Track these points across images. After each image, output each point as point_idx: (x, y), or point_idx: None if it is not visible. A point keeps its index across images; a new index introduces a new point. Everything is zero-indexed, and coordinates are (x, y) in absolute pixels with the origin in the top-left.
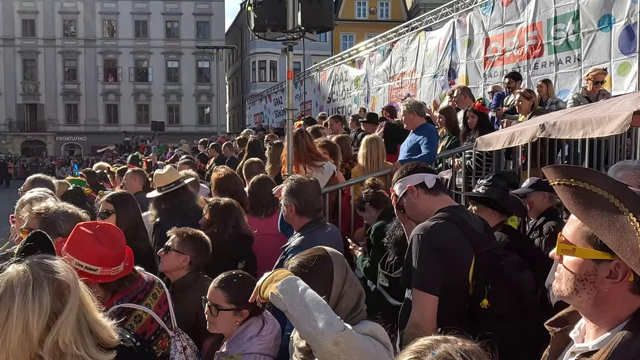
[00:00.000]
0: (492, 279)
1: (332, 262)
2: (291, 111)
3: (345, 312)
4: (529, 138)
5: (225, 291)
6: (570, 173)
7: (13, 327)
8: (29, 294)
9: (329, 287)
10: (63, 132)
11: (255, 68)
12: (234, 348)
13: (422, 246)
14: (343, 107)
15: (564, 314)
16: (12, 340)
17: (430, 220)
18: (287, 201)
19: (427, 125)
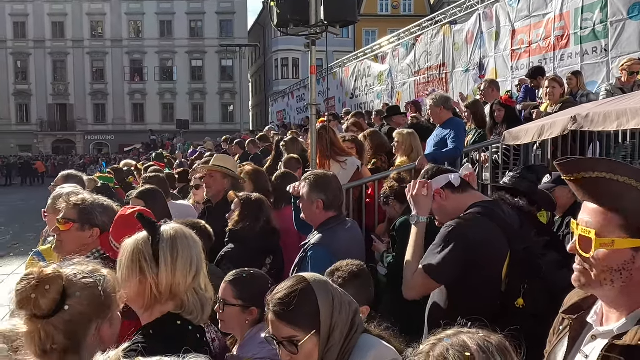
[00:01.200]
0: (530, 279)
1: (316, 294)
2: (314, 106)
3: (341, 340)
4: (560, 131)
5: (233, 286)
6: (595, 166)
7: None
8: (190, 241)
9: (317, 323)
10: (92, 131)
11: (278, 65)
12: (245, 351)
13: (449, 238)
14: (365, 102)
15: (578, 301)
16: (180, 277)
17: (465, 215)
18: (312, 198)
19: (454, 119)
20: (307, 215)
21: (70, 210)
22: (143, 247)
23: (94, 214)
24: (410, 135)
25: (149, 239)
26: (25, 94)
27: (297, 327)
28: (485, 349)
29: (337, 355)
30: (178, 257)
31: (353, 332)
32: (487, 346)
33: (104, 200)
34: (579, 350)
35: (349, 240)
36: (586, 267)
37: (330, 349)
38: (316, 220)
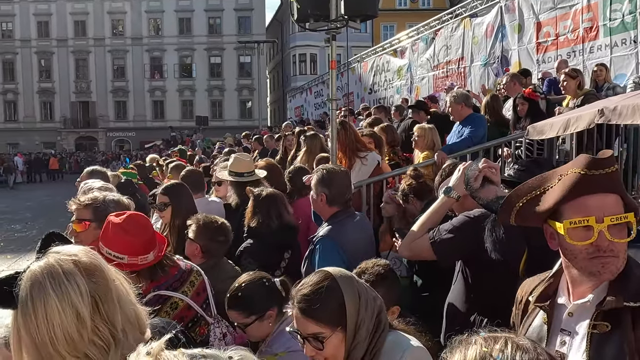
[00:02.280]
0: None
1: (342, 290)
2: (335, 101)
3: (367, 338)
4: (586, 124)
5: (237, 309)
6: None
7: (62, 318)
8: (61, 277)
9: (343, 319)
10: (113, 128)
11: (296, 61)
12: (278, 346)
13: (468, 223)
14: (385, 97)
15: (544, 290)
16: (64, 333)
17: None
18: (317, 191)
19: (473, 114)
20: (315, 207)
21: (83, 210)
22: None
23: (109, 209)
24: (432, 130)
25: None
26: (49, 92)
27: (323, 324)
28: (509, 356)
29: (364, 352)
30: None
31: (380, 330)
32: (514, 356)
33: (114, 195)
34: (557, 331)
35: (358, 234)
36: (614, 255)
37: (356, 346)
38: (323, 213)
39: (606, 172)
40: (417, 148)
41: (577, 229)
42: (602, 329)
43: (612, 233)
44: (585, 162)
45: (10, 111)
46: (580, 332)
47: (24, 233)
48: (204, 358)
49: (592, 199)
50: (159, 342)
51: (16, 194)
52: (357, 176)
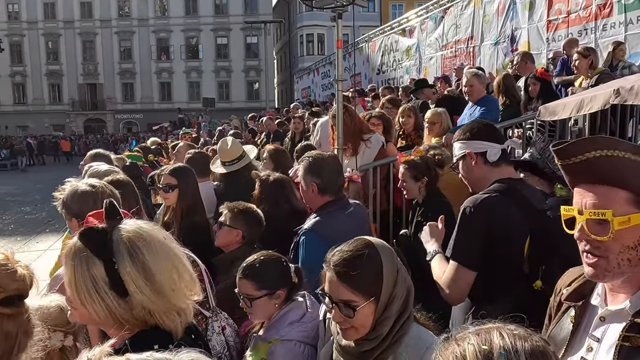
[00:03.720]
0: (547, 259)
1: (382, 259)
2: (341, 82)
3: (395, 316)
4: (601, 105)
5: (250, 279)
6: (594, 145)
7: (167, 268)
8: (160, 241)
9: (378, 290)
10: (121, 110)
11: (303, 42)
12: (273, 333)
13: (469, 219)
14: (394, 78)
15: (577, 287)
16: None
17: (483, 193)
18: (307, 181)
19: (487, 96)
20: (306, 199)
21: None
22: (94, 268)
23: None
24: (446, 115)
25: (99, 261)
26: (56, 74)
27: (358, 292)
28: (511, 349)
29: (389, 328)
30: (148, 274)
31: (407, 313)
32: (514, 346)
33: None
34: (586, 334)
35: (349, 226)
36: (601, 255)
37: (384, 320)
38: (314, 204)
39: (580, 160)
40: (431, 134)
41: (567, 219)
42: (635, 342)
43: (590, 228)
44: (554, 150)
45: (19, 94)
46: (610, 340)
47: (34, 215)
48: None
49: (579, 188)
50: (101, 348)
51: (26, 176)
52: (361, 160)
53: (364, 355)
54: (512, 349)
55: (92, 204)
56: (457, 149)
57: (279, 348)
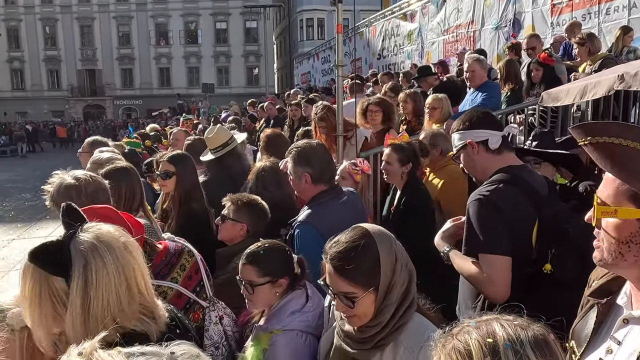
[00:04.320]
0: (557, 243)
1: (379, 248)
2: (341, 67)
3: (395, 303)
4: (605, 91)
5: (254, 265)
6: (602, 130)
7: (118, 289)
8: (118, 253)
9: (377, 280)
10: (120, 96)
11: (303, 26)
12: (274, 323)
13: (486, 209)
14: (395, 63)
15: (605, 283)
16: (117, 303)
17: (488, 184)
18: (298, 172)
19: (489, 82)
20: (299, 191)
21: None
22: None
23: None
24: (447, 101)
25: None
26: (55, 60)
27: (356, 284)
28: (515, 340)
29: (390, 315)
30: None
31: (409, 301)
32: (518, 336)
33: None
34: (608, 335)
35: (344, 214)
36: (601, 240)
37: (385, 308)
38: (308, 194)
39: (587, 143)
40: (431, 120)
41: None
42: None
43: (595, 212)
44: (572, 129)
45: (18, 80)
46: (631, 346)
47: (34, 202)
48: (143, 355)
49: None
50: (91, 342)
51: (26, 162)
52: (346, 156)
53: (365, 341)
54: (517, 340)
55: (76, 197)
56: (456, 140)
57: (281, 338)
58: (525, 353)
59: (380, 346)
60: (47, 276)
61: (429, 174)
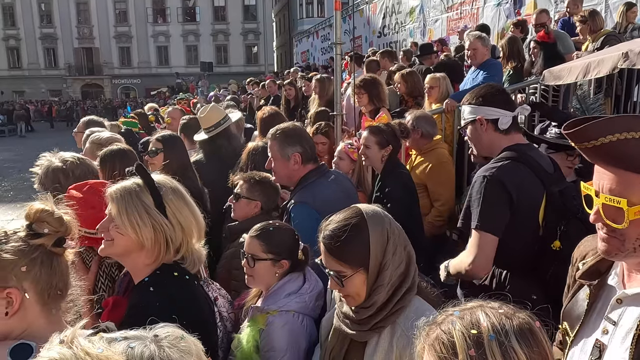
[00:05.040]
0: (566, 220)
1: (369, 231)
2: (339, 45)
3: (389, 285)
4: (609, 69)
5: (261, 240)
6: (608, 128)
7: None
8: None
9: (366, 260)
10: (118, 75)
11: (302, 3)
12: (270, 304)
13: (488, 187)
14: (397, 41)
15: (594, 264)
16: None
17: (495, 162)
18: (288, 153)
19: (490, 60)
20: (285, 174)
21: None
22: (143, 196)
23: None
24: (445, 80)
25: (145, 188)
26: (51, 38)
27: (345, 264)
28: (500, 330)
29: (384, 296)
30: (185, 209)
31: (407, 284)
32: (503, 327)
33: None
34: (601, 316)
35: (335, 192)
36: (616, 237)
37: (377, 289)
38: (296, 176)
39: (593, 145)
40: (430, 99)
41: (585, 195)
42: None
43: (605, 212)
44: (567, 133)
45: (14, 58)
46: (627, 324)
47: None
48: (126, 340)
49: (598, 167)
50: (73, 329)
51: (24, 142)
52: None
53: (362, 322)
54: (501, 330)
55: (63, 179)
56: (466, 113)
57: (277, 319)
58: (510, 344)
59: (377, 328)
60: (139, 194)
61: (415, 157)
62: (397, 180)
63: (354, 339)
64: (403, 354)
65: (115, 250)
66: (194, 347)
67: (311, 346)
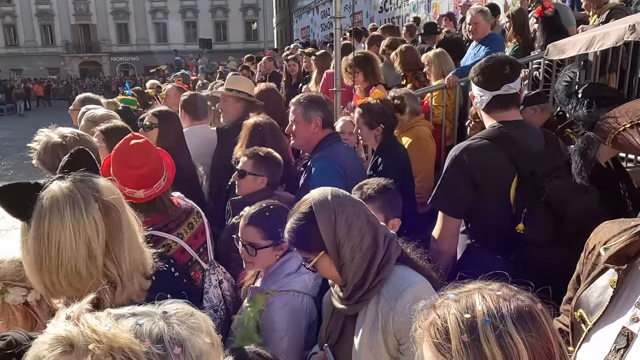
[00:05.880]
0: (531, 203)
1: (314, 211)
2: (339, 20)
3: (355, 261)
4: (614, 41)
5: (259, 227)
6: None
7: (73, 246)
8: (81, 209)
9: (320, 242)
10: (116, 53)
11: None
12: (270, 284)
13: (451, 167)
14: (399, 17)
15: (622, 248)
16: (72, 265)
17: (469, 140)
18: (310, 117)
19: (492, 34)
20: (305, 137)
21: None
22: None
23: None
24: (440, 56)
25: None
26: (47, 14)
27: (306, 251)
28: (495, 315)
29: (356, 272)
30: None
31: (378, 258)
32: (499, 310)
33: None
34: (631, 302)
35: (350, 157)
36: None
37: (343, 266)
38: (315, 140)
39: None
40: (430, 77)
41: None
42: None
43: None
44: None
45: (11, 35)
46: None
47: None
48: (134, 316)
49: None
50: (79, 305)
51: (23, 120)
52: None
53: (348, 297)
54: (497, 314)
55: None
56: (473, 89)
57: (277, 299)
58: (505, 329)
59: (362, 301)
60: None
61: (398, 135)
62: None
63: (344, 313)
64: (387, 321)
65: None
66: (203, 324)
67: (311, 325)
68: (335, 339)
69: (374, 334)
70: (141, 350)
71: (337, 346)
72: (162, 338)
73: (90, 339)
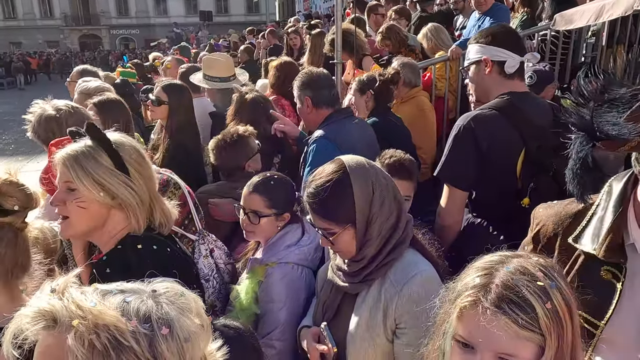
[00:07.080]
0: (537, 177)
1: (352, 182)
2: None
3: (379, 238)
4: (622, 11)
5: (263, 195)
6: None
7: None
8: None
9: (352, 216)
10: (116, 26)
11: None
12: (269, 256)
13: (458, 137)
14: None
15: (610, 242)
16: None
17: (477, 110)
18: (300, 98)
19: (497, 4)
20: (304, 119)
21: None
22: (100, 158)
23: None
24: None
25: (98, 148)
26: None
27: (331, 221)
28: (552, 276)
29: (375, 249)
30: (148, 168)
31: (396, 237)
32: (551, 272)
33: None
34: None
35: (357, 133)
36: None
37: (367, 242)
38: (314, 120)
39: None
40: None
41: None
42: None
43: None
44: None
45: (9, 8)
46: None
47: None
48: (122, 293)
49: None
50: (65, 278)
51: (23, 94)
52: None
53: (354, 274)
54: (553, 275)
55: (57, 129)
56: (472, 52)
57: (277, 270)
58: (560, 285)
59: (368, 280)
60: (95, 156)
61: (397, 104)
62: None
63: (346, 291)
64: (390, 304)
65: (78, 229)
66: (193, 305)
67: (310, 297)
68: (331, 317)
69: (374, 315)
70: (127, 329)
71: (332, 323)
72: (150, 317)
73: (74, 315)
